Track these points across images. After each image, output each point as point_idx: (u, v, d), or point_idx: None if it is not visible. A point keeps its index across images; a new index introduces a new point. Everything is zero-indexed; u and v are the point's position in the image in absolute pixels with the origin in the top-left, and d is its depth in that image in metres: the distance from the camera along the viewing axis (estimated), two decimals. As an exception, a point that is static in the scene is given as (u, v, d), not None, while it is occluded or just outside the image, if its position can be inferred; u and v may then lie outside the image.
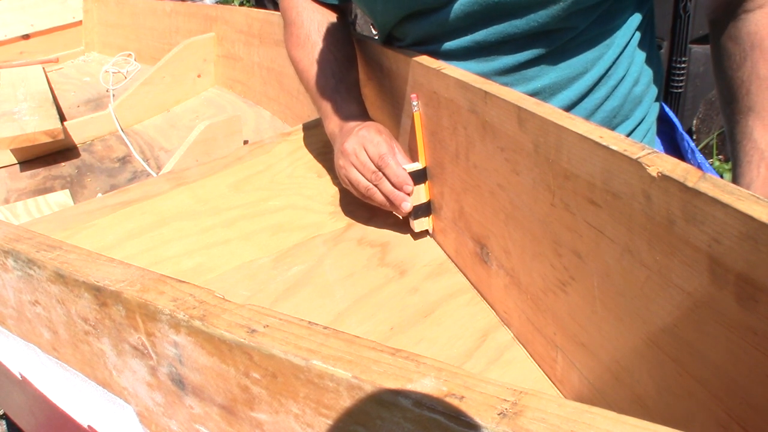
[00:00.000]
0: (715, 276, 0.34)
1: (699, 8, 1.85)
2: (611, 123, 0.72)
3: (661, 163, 0.37)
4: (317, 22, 0.81)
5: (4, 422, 1.30)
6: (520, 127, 0.49)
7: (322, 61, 0.78)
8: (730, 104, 0.65)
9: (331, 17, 0.82)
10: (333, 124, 0.75)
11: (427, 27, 0.70)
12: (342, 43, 0.80)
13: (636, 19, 0.69)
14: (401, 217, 0.74)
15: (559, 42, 0.66)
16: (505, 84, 0.67)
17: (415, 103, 0.67)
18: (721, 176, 1.13)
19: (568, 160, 0.44)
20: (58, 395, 0.53)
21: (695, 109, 1.97)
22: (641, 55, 0.72)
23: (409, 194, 0.68)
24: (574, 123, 0.44)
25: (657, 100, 0.77)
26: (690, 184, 0.34)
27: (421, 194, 0.70)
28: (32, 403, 0.63)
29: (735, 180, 0.65)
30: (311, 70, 0.79)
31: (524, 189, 0.51)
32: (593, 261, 0.44)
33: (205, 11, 1.52)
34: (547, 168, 0.47)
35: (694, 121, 1.97)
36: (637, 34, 0.70)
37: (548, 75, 0.68)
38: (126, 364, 0.41)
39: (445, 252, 0.71)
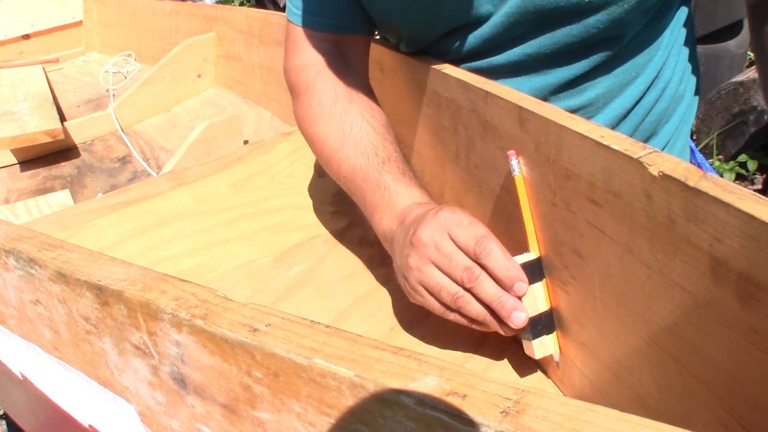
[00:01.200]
0: (716, 275, 0.34)
1: (699, 8, 1.85)
2: (658, 126, 0.68)
3: (662, 162, 0.37)
4: (342, 84, 0.65)
5: (4, 422, 1.30)
6: (521, 126, 0.49)
7: (358, 133, 0.61)
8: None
9: (355, 76, 0.66)
10: (388, 217, 0.55)
11: (472, 41, 0.62)
12: (376, 106, 0.65)
13: (682, 14, 0.66)
14: (506, 335, 0.50)
15: (616, 47, 0.60)
16: (558, 99, 0.62)
17: (514, 161, 0.49)
18: (721, 176, 1.13)
19: (569, 159, 0.44)
20: (59, 395, 0.53)
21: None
22: (685, 52, 0.69)
23: (520, 297, 0.47)
24: (575, 122, 0.44)
25: (696, 93, 0.73)
26: (691, 184, 0.34)
27: (538, 299, 0.49)
28: (33, 402, 0.63)
29: None
30: (343, 149, 0.61)
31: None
32: (594, 260, 0.44)
33: (205, 11, 1.52)
34: (548, 167, 0.47)
35: (694, 121, 1.97)
36: (682, 31, 0.67)
37: (602, 84, 0.63)
38: (127, 364, 0.41)
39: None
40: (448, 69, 0.61)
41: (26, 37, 1.89)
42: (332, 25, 0.66)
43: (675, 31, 0.65)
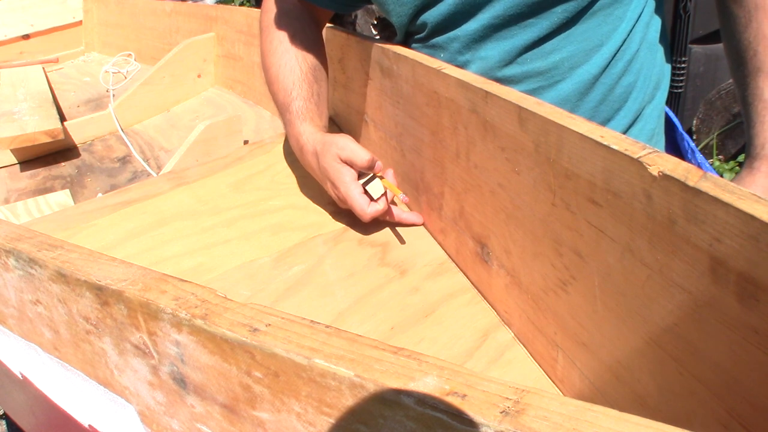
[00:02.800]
0: (716, 275, 0.34)
1: (699, 8, 1.85)
2: (628, 98, 0.72)
3: (662, 162, 0.37)
4: (291, 28, 0.81)
5: (4, 422, 1.30)
6: (521, 126, 0.49)
7: (287, 70, 0.79)
8: (740, 67, 0.66)
9: (307, 24, 0.82)
10: (292, 136, 0.77)
11: (444, 10, 0.70)
12: (313, 49, 0.80)
13: None
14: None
15: (576, 9, 0.65)
16: (526, 60, 0.69)
17: None
18: (721, 176, 1.13)
19: (569, 159, 0.44)
20: (59, 395, 0.53)
21: (695, 109, 1.97)
22: (654, 31, 0.73)
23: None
24: (575, 122, 0.44)
25: (667, 61, 0.77)
26: (691, 184, 0.34)
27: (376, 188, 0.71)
28: (33, 402, 0.63)
29: (749, 141, 0.67)
30: (275, 83, 0.80)
31: (525, 188, 0.51)
32: (594, 260, 0.44)
33: (205, 11, 1.52)
34: (548, 167, 0.47)
35: (694, 121, 1.97)
36: (649, 8, 0.71)
37: (566, 48, 0.68)
38: (127, 364, 0.41)
39: (445, 252, 0.71)
40: (448, 69, 0.61)
41: (26, 37, 1.89)
42: None
43: (639, 8, 0.69)
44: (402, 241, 0.73)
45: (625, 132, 0.74)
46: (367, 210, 0.70)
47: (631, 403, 0.43)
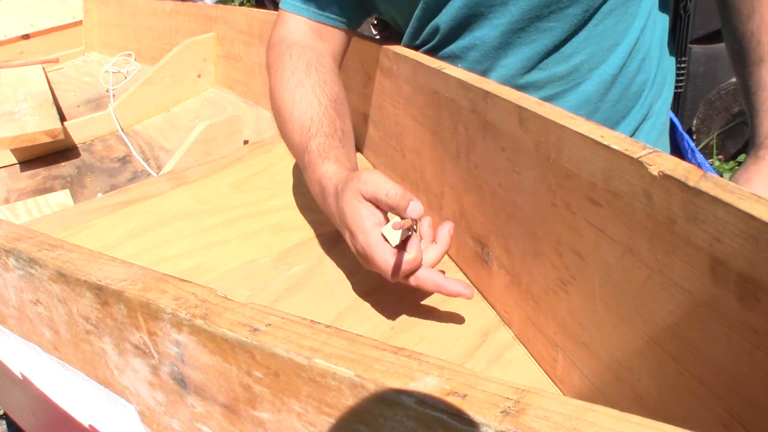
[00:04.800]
0: (716, 275, 0.34)
1: (699, 8, 1.85)
2: (641, 95, 0.72)
3: (662, 162, 0.37)
4: (305, 58, 0.70)
5: (4, 422, 1.30)
6: (521, 126, 0.49)
7: (304, 106, 0.66)
8: (742, 58, 0.67)
9: (321, 53, 0.73)
10: (313, 181, 0.64)
11: (455, 13, 0.67)
12: (332, 80, 0.70)
13: None
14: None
15: (590, 7, 0.64)
16: (547, 65, 0.68)
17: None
18: (721, 176, 1.13)
19: (569, 159, 0.44)
20: (59, 395, 0.53)
21: (695, 109, 1.97)
22: (662, 27, 0.73)
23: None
24: (575, 122, 0.44)
25: (673, 54, 0.78)
26: (691, 184, 0.34)
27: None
28: (33, 402, 0.63)
29: (753, 131, 0.67)
30: (289, 122, 0.67)
31: (525, 188, 0.51)
32: (594, 260, 0.44)
33: (205, 11, 1.52)
34: (548, 167, 0.47)
35: (694, 121, 1.97)
36: (656, 5, 0.70)
37: (585, 49, 0.67)
38: (127, 364, 0.41)
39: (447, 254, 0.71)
40: (448, 69, 0.61)
41: (26, 37, 1.89)
42: (313, 13, 0.74)
43: (650, 2, 0.69)
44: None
45: (638, 127, 0.74)
46: (390, 261, 0.52)
47: (632, 403, 0.43)
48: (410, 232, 0.54)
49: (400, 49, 0.71)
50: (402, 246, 0.53)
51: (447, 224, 0.57)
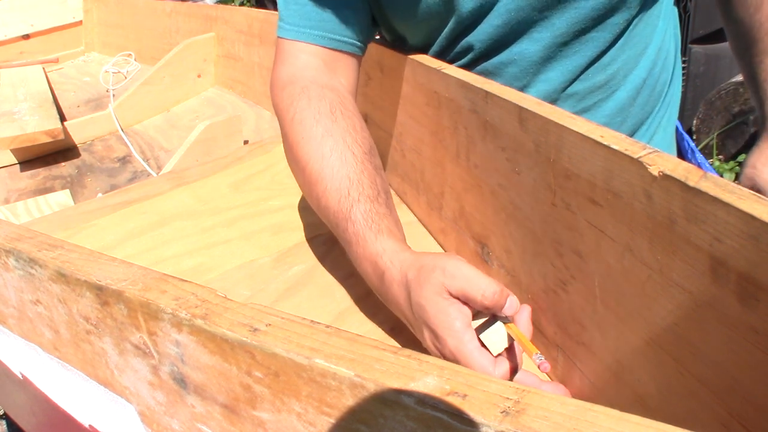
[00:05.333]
0: (716, 275, 0.34)
1: (699, 8, 1.85)
2: (662, 93, 0.71)
3: (662, 162, 0.37)
4: (327, 101, 0.60)
5: (4, 422, 1.30)
6: (521, 126, 0.49)
7: (336, 162, 0.56)
8: (750, 48, 0.67)
9: (342, 93, 0.63)
10: (362, 258, 0.54)
11: (492, 32, 0.63)
12: (360, 126, 0.61)
13: None
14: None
15: (628, 15, 0.62)
16: (588, 76, 0.66)
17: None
18: (721, 176, 1.13)
19: (569, 159, 0.44)
20: (59, 395, 0.53)
21: (695, 109, 1.97)
22: (675, 21, 0.73)
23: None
24: (575, 122, 0.44)
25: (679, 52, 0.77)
26: (691, 184, 0.34)
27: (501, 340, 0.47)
28: (33, 402, 0.63)
29: (765, 118, 0.68)
30: (320, 182, 0.57)
31: (525, 188, 0.51)
32: (594, 260, 0.44)
33: (205, 11, 1.52)
34: (548, 167, 0.47)
35: (694, 121, 1.97)
36: (669, 2, 0.70)
37: (621, 57, 0.65)
38: (127, 364, 0.41)
39: (445, 252, 0.71)
40: (448, 69, 0.61)
41: (26, 37, 1.89)
42: (325, 38, 0.64)
43: (668, 1, 0.69)
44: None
45: (659, 124, 0.73)
46: (493, 372, 0.45)
47: (632, 403, 0.43)
48: (507, 343, 0.47)
49: (400, 49, 0.71)
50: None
51: (525, 309, 0.50)
